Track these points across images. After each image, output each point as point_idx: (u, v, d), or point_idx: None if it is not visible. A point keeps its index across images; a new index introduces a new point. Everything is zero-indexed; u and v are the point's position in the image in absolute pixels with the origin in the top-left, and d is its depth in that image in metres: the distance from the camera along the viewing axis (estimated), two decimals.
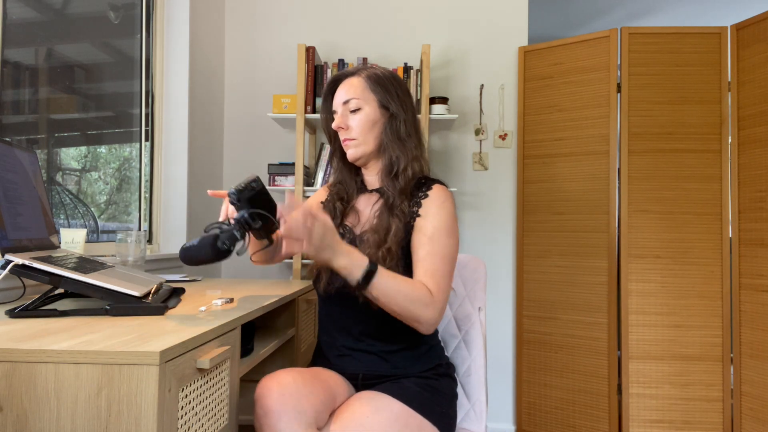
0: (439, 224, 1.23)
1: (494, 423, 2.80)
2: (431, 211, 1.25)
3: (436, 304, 1.17)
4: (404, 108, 1.31)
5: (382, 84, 1.30)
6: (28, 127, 1.80)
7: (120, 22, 2.29)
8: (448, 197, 1.29)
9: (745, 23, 2.41)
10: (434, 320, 1.17)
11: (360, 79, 1.31)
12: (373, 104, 1.29)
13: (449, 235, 1.24)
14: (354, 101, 1.29)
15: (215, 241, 0.99)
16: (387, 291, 1.12)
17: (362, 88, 1.30)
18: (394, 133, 1.29)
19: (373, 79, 1.30)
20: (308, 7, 2.94)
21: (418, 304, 1.15)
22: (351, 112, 1.30)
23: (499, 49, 2.87)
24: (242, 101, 2.95)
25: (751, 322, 2.33)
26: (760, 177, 2.32)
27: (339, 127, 1.30)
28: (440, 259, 1.21)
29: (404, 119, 1.30)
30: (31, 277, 1.03)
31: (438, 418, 1.24)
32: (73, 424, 0.76)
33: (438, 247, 1.21)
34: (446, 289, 1.20)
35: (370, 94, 1.29)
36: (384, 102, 1.29)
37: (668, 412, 2.44)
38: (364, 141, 1.30)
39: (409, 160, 1.29)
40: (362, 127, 1.29)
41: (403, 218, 1.24)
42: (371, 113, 1.29)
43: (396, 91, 1.31)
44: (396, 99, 1.30)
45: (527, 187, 2.78)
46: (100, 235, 2.17)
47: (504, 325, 2.83)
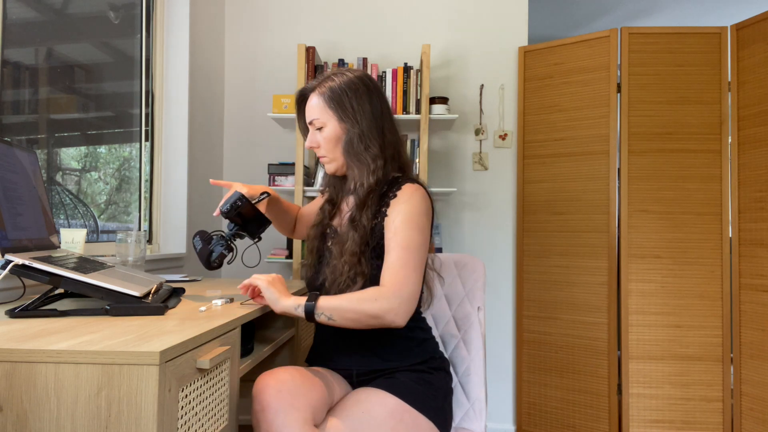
0: (402, 219, 1.25)
1: (494, 423, 2.80)
2: (396, 208, 1.27)
3: (388, 296, 1.17)
4: (358, 120, 1.30)
5: (336, 99, 1.31)
6: (28, 127, 1.80)
7: (120, 22, 2.28)
8: (416, 193, 1.28)
9: (745, 23, 2.41)
10: (392, 311, 1.17)
11: (318, 96, 1.33)
12: (333, 121, 1.31)
13: (411, 227, 1.24)
14: (316, 121, 1.33)
15: (209, 256, 1.26)
16: (333, 312, 1.18)
17: (321, 107, 1.32)
18: (350, 148, 1.31)
19: (329, 96, 1.31)
20: (308, 7, 2.93)
21: (363, 303, 1.17)
22: (317, 130, 1.34)
23: (499, 49, 2.87)
24: (242, 101, 2.95)
25: (751, 323, 2.33)
26: (760, 177, 2.32)
27: (310, 146, 1.35)
28: (399, 252, 1.22)
29: (358, 133, 1.30)
30: (31, 277, 1.03)
31: (433, 413, 1.25)
32: (73, 424, 0.76)
33: (398, 240, 1.23)
34: (406, 278, 1.20)
35: (328, 112, 1.31)
36: (341, 118, 1.31)
37: (668, 412, 2.44)
38: (333, 157, 1.34)
39: (366, 175, 1.30)
40: (327, 144, 1.33)
41: (361, 229, 1.27)
42: (332, 131, 1.32)
43: (350, 104, 1.30)
44: (350, 113, 1.30)
45: (527, 187, 2.78)
46: (100, 235, 2.17)
47: (504, 325, 2.83)
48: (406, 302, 1.19)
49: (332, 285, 1.26)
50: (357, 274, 1.24)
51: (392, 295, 1.17)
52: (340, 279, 1.25)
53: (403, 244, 1.22)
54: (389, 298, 1.17)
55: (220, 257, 1.26)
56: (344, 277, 1.24)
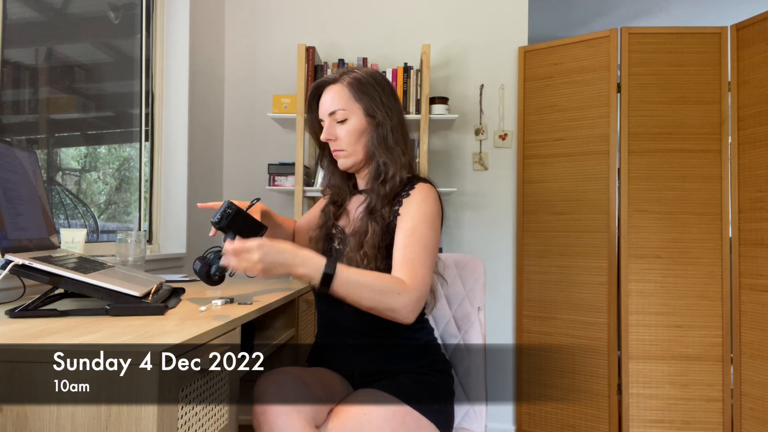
0: (420, 218, 1.23)
1: (494, 423, 2.80)
2: (412, 207, 1.25)
3: (410, 291, 1.15)
4: (390, 114, 1.28)
5: (366, 91, 1.27)
6: (28, 127, 1.80)
7: (120, 22, 2.28)
8: (430, 193, 1.28)
9: (745, 23, 2.41)
10: (410, 307, 1.15)
11: (343, 86, 1.28)
12: (358, 113, 1.27)
13: (429, 227, 1.23)
14: (340, 112, 1.27)
15: (209, 271, 1.23)
16: (351, 287, 1.11)
17: (346, 98, 1.27)
18: (382, 141, 1.27)
19: (356, 87, 1.27)
20: (308, 7, 2.93)
21: (388, 294, 1.14)
22: (338, 123, 1.28)
23: (499, 49, 2.87)
24: (242, 101, 2.95)
25: (751, 322, 2.33)
26: (760, 177, 2.32)
27: (327, 139, 1.29)
28: (418, 249, 1.20)
29: (391, 127, 1.28)
30: (31, 277, 1.03)
31: (435, 415, 1.25)
32: (73, 424, 0.76)
33: (416, 237, 1.21)
34: (424, 277, 1.18)
35: (354, 104, 1.27)
36: (369, 110, 1.27)
37: (668, 412, 2.44)
38: (353, 152, 1.29)
39: (398, 168, 1.28)
40: (350, 137, 1.28)
41: (382, 222, 1.25)
42: (358, 123, 1.27)
43: (380, 97, 1.28)
44: (381, 105, 1.27)
45: (527, 187, 2.77)
46: (100, 235, 2.17)
47: (504, 325, 2.83)
48: (422, 300, 1.18)
49: None
50: (373, 269, 1.21)
51: (412, 291, 1.16)
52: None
53: (420, 242, 1.20)
54: (410, 294, 1.15)
55: (220, 270, 1.21)
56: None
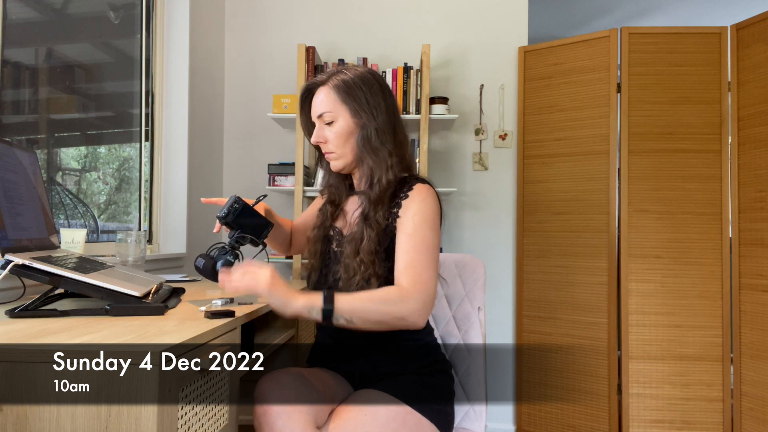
0: (420, 219, 1.23)
1: (494, 423, 2.80)
2: (411, 209, 1.24)
3: (412, 296, 1.15)
4: (375, 115, 1.27)
5: (351, 93, 1.27)
6: (28, 127, 1.80)
7: (120, 22, 2.28)
8: (429, 194, 1.27)
9: (745, 23, 2.41)
10: (417, 312, 1.15)
11: (330, 89, 1.28)
12: (345, 115, 1.27)
13: (430, 228, 1.23)
14: (328, 114, 1.27)
15: (214, 267, 1.19)
16: (353, 315, 1.12)
17: (333, 100, 1.27)
18: (366, 143, 1.27)
19: (342, 89, 1.27)
20: (308, 7, 2.93)
21: (391, 303, 1.14)
22: (327, 125, 1.29)
23: (499, 49, 2.87)
24: (242, 101, 2.95)
25: (751, 322, 2.33)
26: (760, 177, 2.32)
27: (317, 141, 1.30)
28: (419, 252, 1.20)
29: (375, 128, 1.27)
30: (31, 277, 1.03)
31: (435, 415, 1.24)
32: (73, 424, 0.76)
33: (418, 239, 1.21)
34: (428, 279, 1.18)
35: (341, 106, 1.27)
36: (354, 113, 1.27)
37: (668, 412, 2.44)
38: (342, 153, 1.29)
39: (384, 170, 1.27)
40: (338, 139, 1.28)
41: (377, 226, 1.24)
42: (344, 125, 1.27)
43: (365, 98, 1.27)
44: (366, 106, 1.27)
45: (527, 187, 2.77)
46: (100, 235, 2.17)
47: (504, 325, 2.83)
48: (429, 303, 1.18)
49: (345, 285, 1.23)
50: (371, 275, 1.22)
51: (417, 295, 1.16)
52: (354, 279, 1.22)
53: (422, 244, 1.20)
54: (415, 299, 1.15)
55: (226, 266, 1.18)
56: (358, 277, 1.22)
